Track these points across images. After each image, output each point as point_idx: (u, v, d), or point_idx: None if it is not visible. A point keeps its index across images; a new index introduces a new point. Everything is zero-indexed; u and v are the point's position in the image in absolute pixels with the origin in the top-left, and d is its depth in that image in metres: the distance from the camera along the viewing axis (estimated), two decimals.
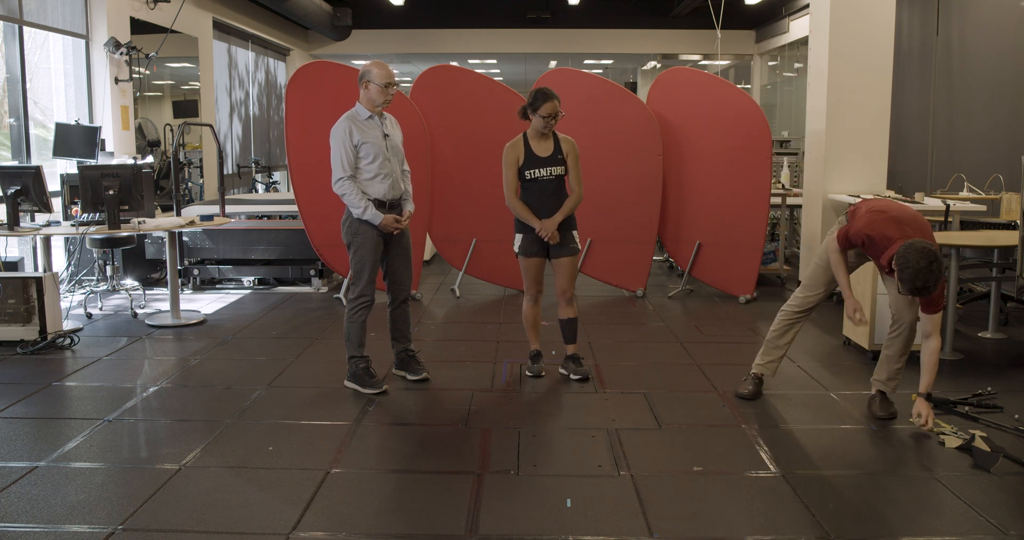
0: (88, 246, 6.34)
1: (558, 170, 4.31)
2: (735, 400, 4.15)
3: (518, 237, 4.38)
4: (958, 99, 7.42)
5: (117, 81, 8.06)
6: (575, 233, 4.39)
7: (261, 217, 8.20)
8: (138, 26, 8.54)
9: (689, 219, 6.77)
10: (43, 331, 5.14)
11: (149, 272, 7.24)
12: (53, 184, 6.20)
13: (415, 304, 6.39)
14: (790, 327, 4.17)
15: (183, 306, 6.13)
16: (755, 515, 2.92)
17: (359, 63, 5.21)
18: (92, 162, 7.00)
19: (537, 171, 4.28)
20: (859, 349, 5.03)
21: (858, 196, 6.30)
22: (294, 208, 7.05)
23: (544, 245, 4.35)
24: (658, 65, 16.58)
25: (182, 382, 4.46)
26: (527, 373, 4.56)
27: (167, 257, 5.89)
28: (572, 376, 4.46)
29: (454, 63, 12.35)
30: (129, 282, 6.96)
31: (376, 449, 3.54)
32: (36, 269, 6.63)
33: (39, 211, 5.66)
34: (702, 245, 6.75)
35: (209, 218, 6.06)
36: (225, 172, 10.58)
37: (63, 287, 6.48)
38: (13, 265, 6.39)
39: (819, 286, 4.07)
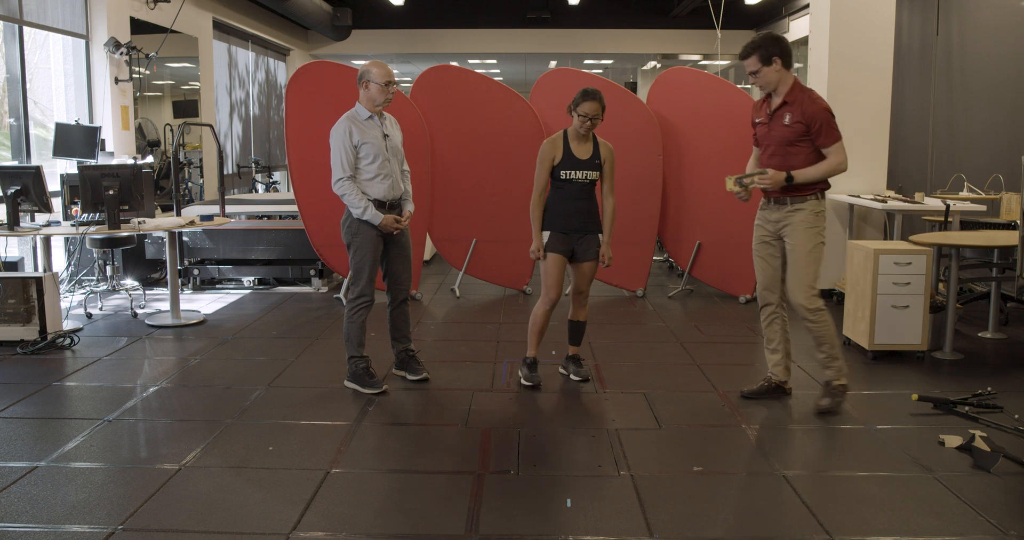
0: (88, 246, 6.34)
1: (593, 175, 4.20)
2: (735, 400, 4.14)
3: (545, 234, 4.22)
4: (958, 99, 7.42)
5: (117, 81, 8.06)
6: (601, 237, 4.32)
7: (261, 217, 8.20)
8: (138, 26, 8.54)
9: (689, 219, 6.77)
10: (43, 331, 5.15)
11: (149, 272, 7.24)
12: (53, 184, 6.20)
13: (415, 304, 6.39)
14: (768, 324, 4.17)
15: (183, 306, 6.13)
16: (755, 515, 2.92)
17: (359, 63, 5.21)
18: (92, 162, 7.00)
19: (573, 172, 4.17)
20: (859, 349, 5.03)
21: (858, 196, 6.31)
22: (294, 208, 7.05)
23: (571, 246, 4.24)
24: (658, 65, 16.58)
25: (182, 382, 4.46)
26: (523, 382, 4.34)
27: (167, 257, 5.89)
28: (572, 377, 4.45)
29: (454, 63, 12.35)
30: (129, 282, 6.96)
31: (376, 449, 3.54)
32: (36, 269, 6.63)
33: (39, 211, 5.66)
34: (702, 245, 6.75)
35: (209, 218, 6.06)
36: (225, 172, 10.58)
37: (63, 287, 6.48)
38: (13, 265, 6.39)
39: (762, 273, 4.08)
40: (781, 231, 3.98)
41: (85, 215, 5.58)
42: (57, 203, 6.15)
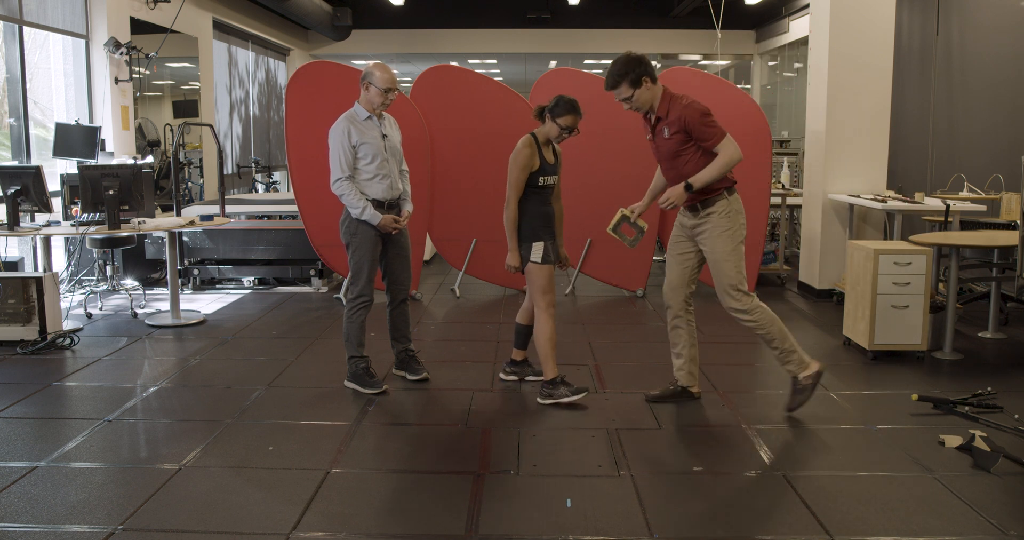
0: (88, 246, 6.34)
1: (556, 179, 4.17)
2: (735, 399, 4.14)
3: (538, 246, 4.04)
4: (958, 99, 7.42)
5: (117, 81, 8.06)
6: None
7: (261, 217, 8.20)
8: (138, 26, 8.54)
9: None
10: (43, 331, 5.15)
11: (149, 272, 7.24)
12: (53, 184, 6.20)
13: (415, 304, 6.39)
14: (673, 328, 4.10)
15: (183, 306, 6.13)
16: (755, 515, 2.92)
17: (359, 63, 5.20)
18: (92, 162, 7.00)
19: (547, 179, 4.10)
20: (859, 349, 5.03)
21: (858, 196, 6.31)
22: (294, 208, 7.06)
23: None
24: (658, 65, 16.57)
25: (182, 382, 4.46)
26: (572, 399, 4.04)
27: (167, 257, 5.89)
28: (531, 378, 4.42)
29: (454, 63, 12.35)
30: (129, 282, 6.96)
31: (376, 449, 3.54)
32: (36, 269, 6.63)
33: (39, 211, 5.66)
34: None
35: (209, 218, 6.06)
36: (225, 172, 10.58)
37: (63, 287, 6.48)
38: (13, 265, 6.39)
39: (669, 272, 4.05)
40: (697, 237, 3.92)
41: (85, 215, 5.59)
42: (57, 203, 6.15)
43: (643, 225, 4.07)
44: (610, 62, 3.98)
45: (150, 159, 8.68)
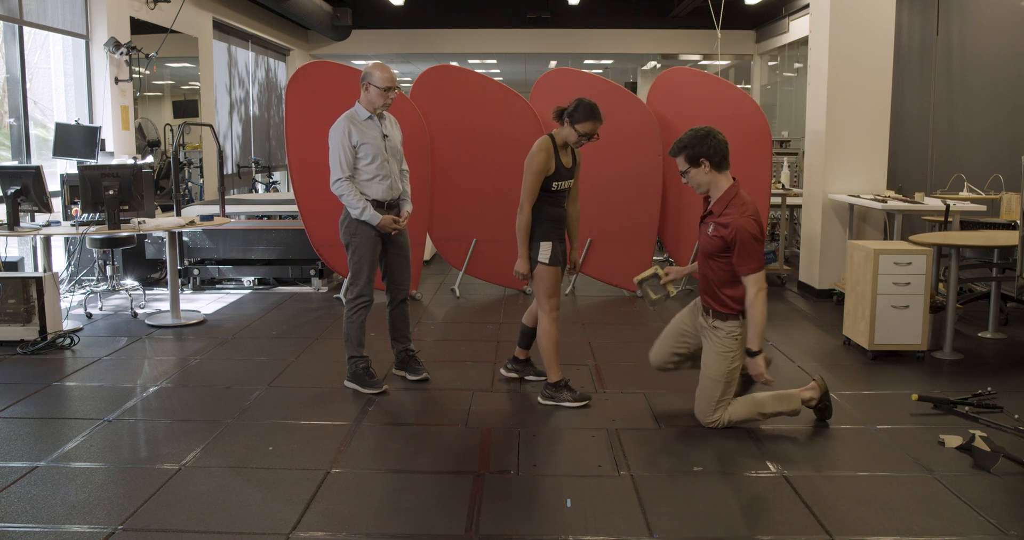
0: (88, 246, 6.34)
1: (572, 182, 4.11)
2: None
3: (546, 246, 3.99)
4: (958, 99, 7.41)
5: (117, 81, 8.06)
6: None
7: (261, 217, 8.20)
8: (138, 26, 8.54)
9: (689, 219, 6.77)
10: (43, 331, 5.15)
11: (149, 272, 7.24)
12: (53, 184, 6.20)
13: (415, 304, 6.39)
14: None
15: (183, 306, 6.13)
16: (755, 515, 2.92)
17: (359, 63, 5.20)
18: (92, 162, 7.00)
19: (562, 183, 4.02)
20: (859, 349, 5.03)
21: (858, 196, 6.31)
22: (294, 208, 7.06)
23: None
24: (658, 65, 16.58)
25: (182, 382, 4.46)
26: (576, 404, 4.03)
27: (167, 257, 5.89)
28: (531, 377, 4.42)
29: (454, 63, 12.36)
30: (129, 282, 6.96)
31: (376, 449, 3.54)
32: (36, 269, 6.63)
33: (39, 211, 5.66)
34: None
35: (209, 218, 6.06)
36: (225, 172, 10.58)
37: (63, 287, 6.48)
38: (13, 265, 6.39)
39: (662, 342, 3.99)
40: (702, 336, 3.81)
41: (85, 215, 5.58)
42: (57, 203, 6.15)
43: (671, 291, 4.02)
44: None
45: (150, 159, 8.68)
